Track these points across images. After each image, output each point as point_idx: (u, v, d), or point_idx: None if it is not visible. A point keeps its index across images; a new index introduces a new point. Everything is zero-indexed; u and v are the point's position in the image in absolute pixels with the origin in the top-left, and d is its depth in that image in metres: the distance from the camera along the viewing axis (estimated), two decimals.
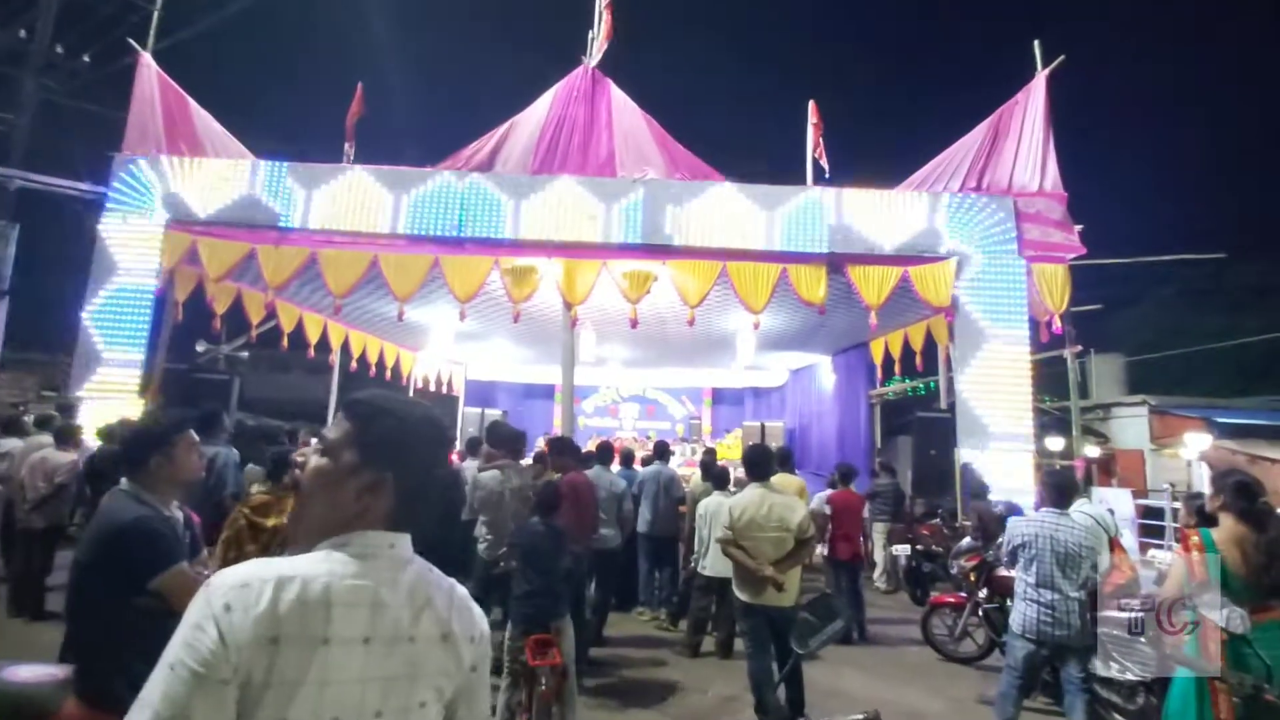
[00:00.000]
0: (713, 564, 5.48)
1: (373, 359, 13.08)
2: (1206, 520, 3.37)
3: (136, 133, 8.66)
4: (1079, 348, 9.42)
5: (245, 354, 17.07)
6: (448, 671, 1.01)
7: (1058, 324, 8.28)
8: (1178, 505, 6.84)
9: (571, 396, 8.73)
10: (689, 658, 5.54)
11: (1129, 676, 4.20)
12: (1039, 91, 8.43)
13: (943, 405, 10.05)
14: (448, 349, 13.92)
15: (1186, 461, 11.25)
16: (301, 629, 0.88)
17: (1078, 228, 8.19)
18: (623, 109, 8.88)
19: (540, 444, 8.55)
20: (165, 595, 1.87)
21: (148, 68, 8.89)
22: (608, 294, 8.74)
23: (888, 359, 10.66)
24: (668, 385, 17.87)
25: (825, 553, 6.68)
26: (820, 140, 9.46)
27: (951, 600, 5.82)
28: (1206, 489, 3.95)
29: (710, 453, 8.28)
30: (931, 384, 12.31)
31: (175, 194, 8.22)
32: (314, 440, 3.99)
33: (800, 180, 8.86)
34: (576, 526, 4.88)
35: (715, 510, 5.49)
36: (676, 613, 6.36)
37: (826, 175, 9.36)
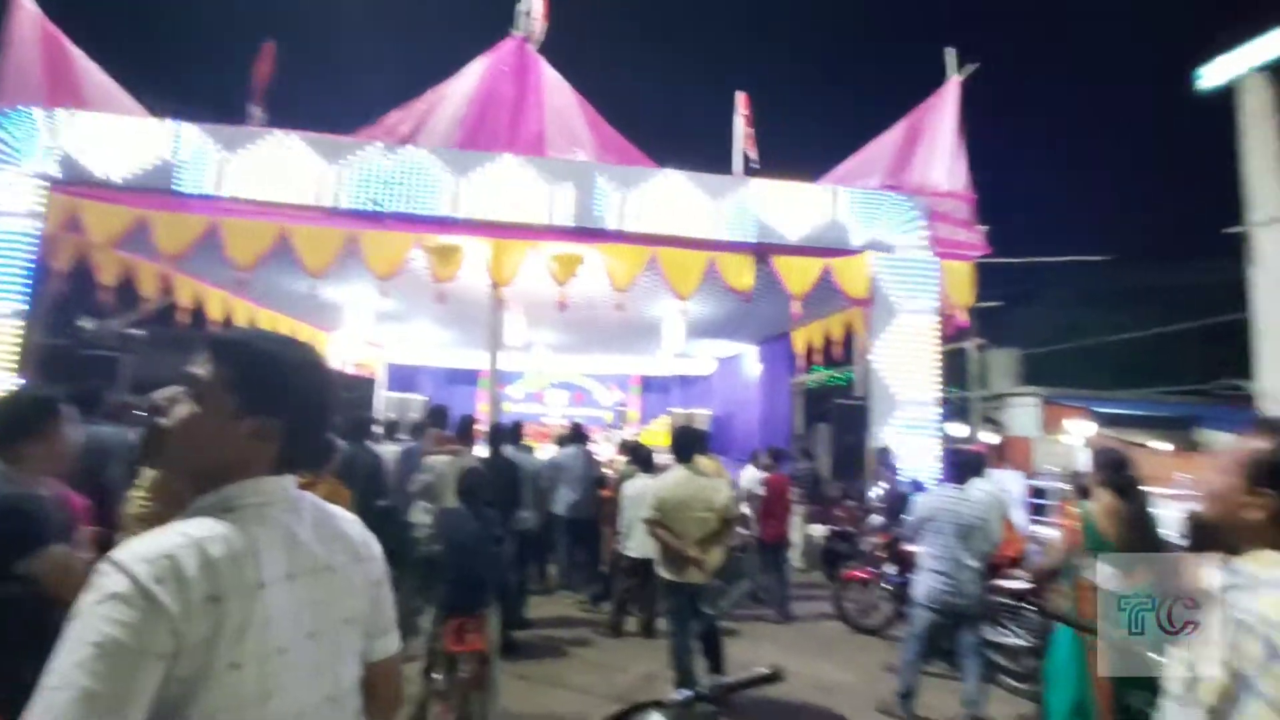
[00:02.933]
0: (637, 545, 5.54)
1: None
2: (1087, 497, 3.70)
3: (13, 82, 7.75)
4: (981, 341, 10.10)
5: (140, 331, 15.75)
6: (360, 589, 1.10)
7: (962, 318, 8.84)
8: (1066, 486, 7.46)
9: (496, 381, 8.57)
10: (612, 638, 5.59)
11: (1017, 641, 4.57)
12: (951, 97, 8.90)
13: (859, 394, 10.55)
14: (366, 330, 13.33)
15: (1069, 447, 12.30)
16: (239, 581, 0.91)
17: (983, 228, 8.74)
18: (554, 87, 8.72)
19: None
20: (38, 579, 1.71)
21: (24, 9, 7.96)
22: (536, 276, 8.61)
23: (809, 349, 11.08)
24: (596, 372, 17.85)
25: (755, 532, 6.87)
26: (750, 131, 9.63)
27: (862, 575, 6.14)
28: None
29: (635, 441, 8.38)
30: (849, 374, 12.89)
31: (63, 150, 7.43)
32: None
33: (727, 171, 9.00)
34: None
35: (641, 492, 5.54)
36: (599, 594, 6.40)
37: (756, 166, 9.56)
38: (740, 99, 9.94)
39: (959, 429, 10.27)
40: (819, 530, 8.26)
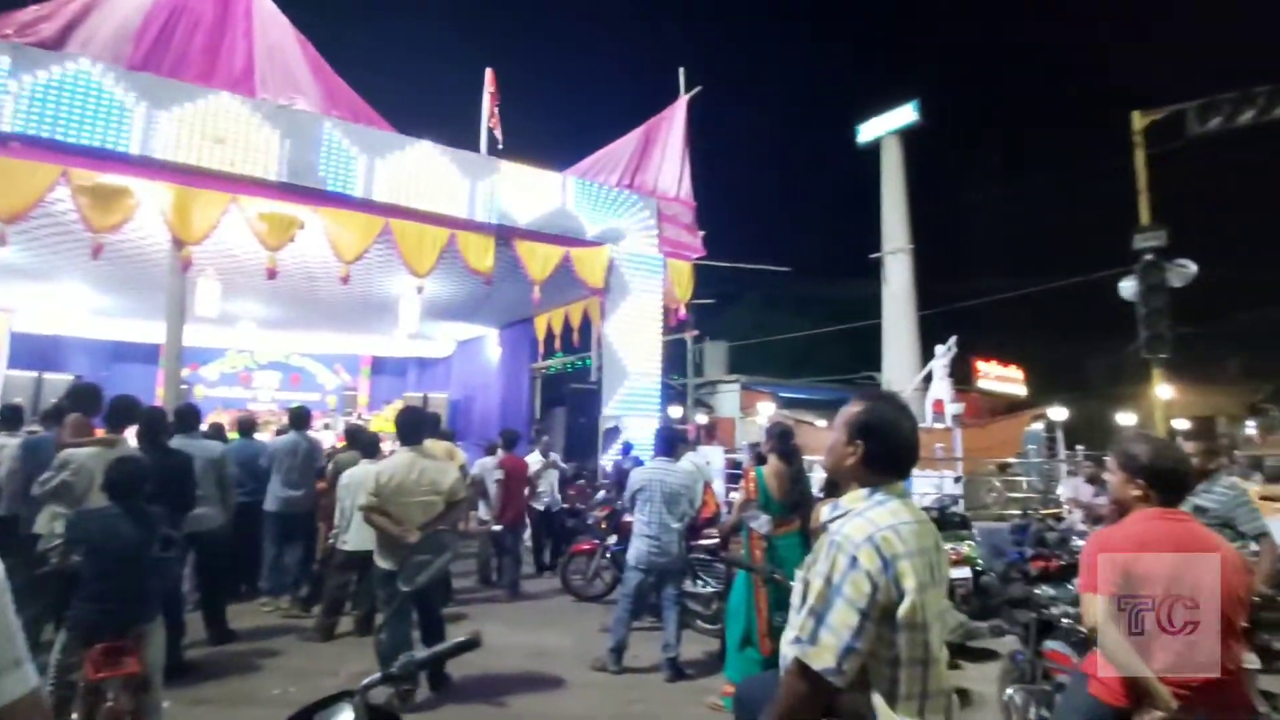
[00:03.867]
0: (355, 538, 5.13)
1: None
2: (763, 462, 4.46)
3: None
4: (696, 333, 11.47)
5: None
6: None
7: (683, 312, 9.92)
8: (748, 455, 8.90)
9: (179, 359, 7.14)
10: (321, 641, 5.09)
11: (708, 589, 5.31)
12: (681, 112, 9.89)
13: (594, 379, 11.17)
14: None
15: (761, 426, 14.70)
16: None
17: (701, 233, 9.91)
18: (269, 20, 7.51)
19: None
20: None
21: None
22: (239, 237, 7.36)
23: (549, 335, 11.37)
24: (318, 351, 15.94)
25: (494, 515, 6.81)
26: (496, 110, 9.49)
27: (586, 547, 6.53)
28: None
29: (357, 425, 7.73)
30: (587, 360, 13.57)
31: None
32: None
33: (473, 147, 8.76)
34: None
35: (360, 479, 5.12)
36: (309, 597, 5.78)
37: (500, 146, 9.46)
38: (488, 75, 9.73)
39: (676, 411, 11.52)
40: None
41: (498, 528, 6.80)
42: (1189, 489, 2.15)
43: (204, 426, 6.22)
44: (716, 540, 5.25)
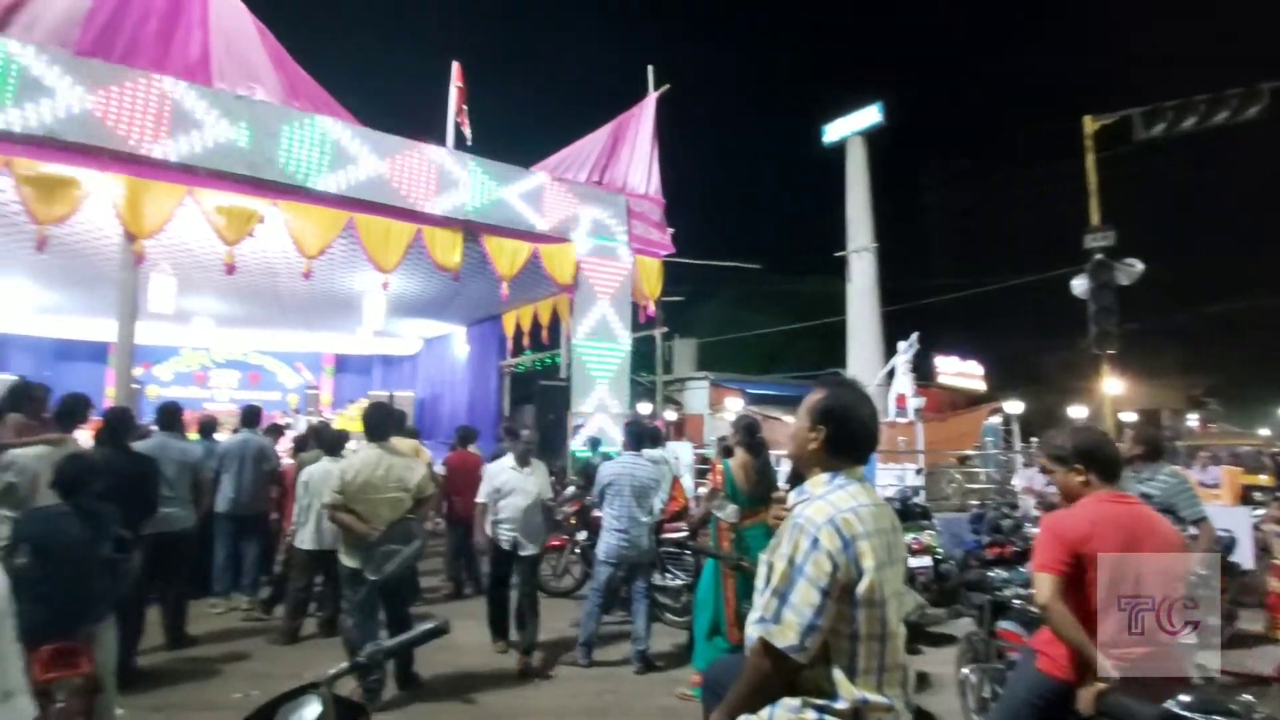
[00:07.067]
0: (313, 536, 5.04)
1: None
2: (730, 455, 4.52)
3: None
4: (665, 330, 11.52)
5: None
6: None
7: (652, 309, 9.96)
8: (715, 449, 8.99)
9: (130, 358, 6.89)
10: (285, 644, 4.99)
11: (677, 582, 5.36)
12: (649, 109, 9.91)
13: (563, 376, 11.14)
14: None
15: (729, 422, 14.84)
16: None
17: (670, 230, 9.95)
18: (225, 6, 7.28)
19: None
20: None
21: None
22: (195, 230, 7.14)
23: (518, 333, 11.29)
24: (278, 349, 15.57)
25: (444, 511, 6.73)
26: (463, 105, 9.38)
27: (555, 543, 6.51)
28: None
29: (320, 423, 7.57)
30: (556, 357, 13.53)
31: None
32: None
33: (440, 141, 8.64)
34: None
35: (323, 476, 5.04)
36: (271, 598, 5.66)
37: (469, 142, 9.35)
38: (455, 69, 9.60)
39: (645, 407, 11.57)
40: None
41: (438, 523, 6.76)
42: (1119, 463, 2.32)
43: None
44: (685, 533, 5.30)
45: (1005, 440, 14.07)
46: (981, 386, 23.38)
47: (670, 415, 13.11)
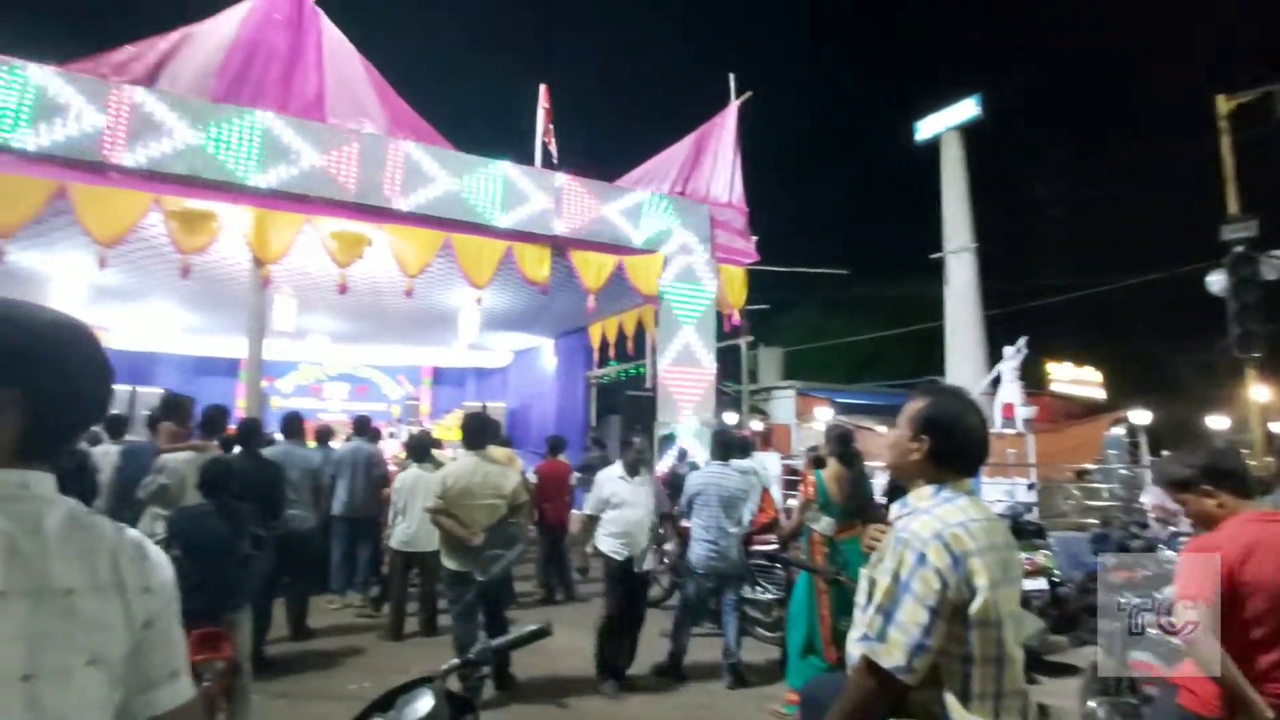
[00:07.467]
0: (406, 537, 5.34)
1: None
2: (821, 466, 4.39)
3: None
4: (750, 338, 11.38)
5: None
6: (112, 626, 0.87)
7: (736, 318, 9.87)
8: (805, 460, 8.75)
9: (260, 372, 7.58)
10: (392, 640, 5.30)
11: (768, 596, 5.25)
12: (731, 117, 9.87)
13: (648, 386, 11.22)
14: (79, 310, 10.90)
15: (818, 432, 14.41)
16: None
17: (754, 238, 9.84)
18: (337, 49, 7.94)
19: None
20: None
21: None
22: (312, 255, 7.78)
23: (604, 343, 11.50)
24: (383, 363, 16.62)
25: (535, 518, 6.93)
26: (550, 125, 9.72)
27: None
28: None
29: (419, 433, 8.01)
30: (640, 368, 13.66)
31: None
32: None
33: (528, 161, 8.99)
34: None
35: (413, 483, 5.35)
36: (380, 597, 6.02)
37: (555, 161, 9.68)
38: (542, 91, 9.98)
39: (731, 417, 11.44)
40: None
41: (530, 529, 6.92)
42: (1249, 475, 2.09)
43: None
44: (776, 546, 5.18)
45: (1130, 453, 12.84)
46: (1101, 394, 21.47)
47: (756, 425, 12.90)
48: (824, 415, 12.98)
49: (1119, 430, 13.26)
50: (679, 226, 9.07)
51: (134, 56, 7.16)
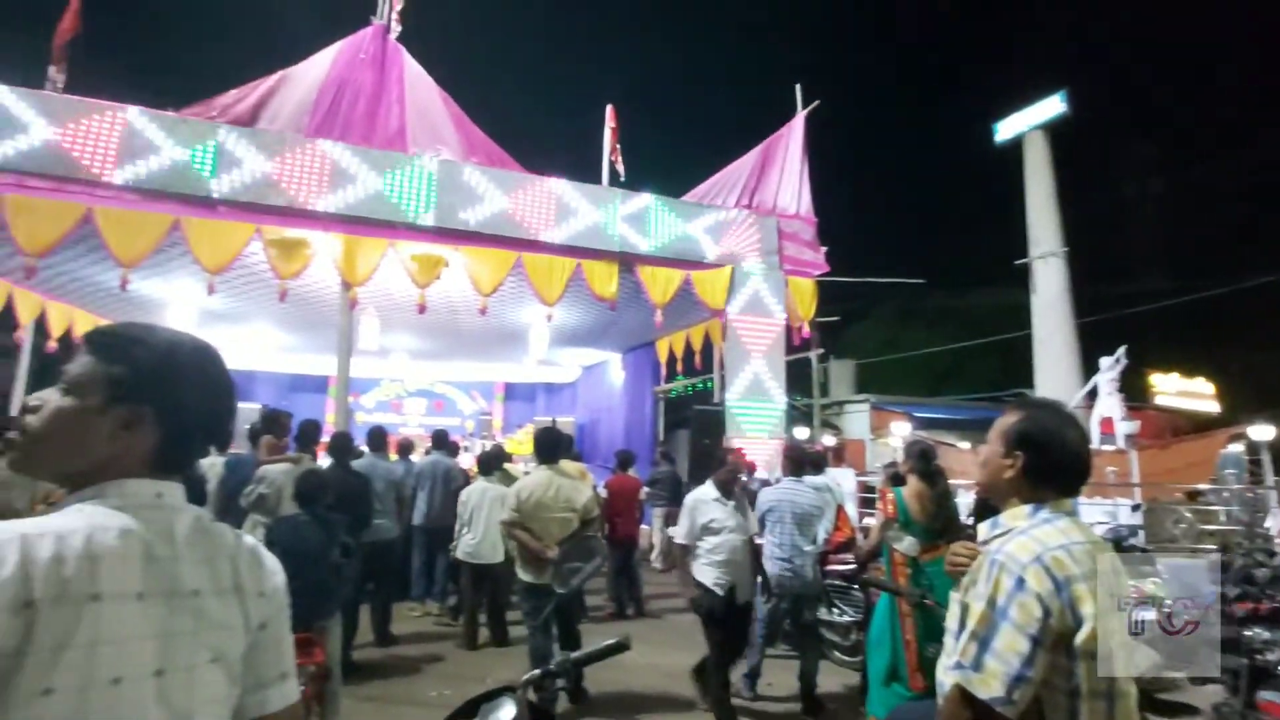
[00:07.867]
0: (470, 548, 5.48)
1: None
2: (900, 483, 4.20)
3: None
4: (821, 351, 11.10)
5: None
6: (232, 627, 0.94)
7: (806, 330, 9.66)
8: (883, 476, 8.41)
9: (347, 389, 8.02)
10: (468, 649, 5.44)
11: (845, 618, 5.06)
12: (798, 128, 9.75)
13: (716, 400, 11.12)
14: (190, 332, 11.87)
15: (895, 448, 13.83)
16: (62, 589, 0.78)
17: (823, 249, 9.63)
18: (417, 81, 8.40)
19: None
20: None
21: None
22: (394, 277, 8.19)
23: (671, 357, 11.51)
24: (457, 379, 17.26)
25: (606, 533, 6.97)
26: (616, 145, 9.89)
27: None
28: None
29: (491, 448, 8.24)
30: (708, 382, 13.58)
31: None
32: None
33: (596, 180, 9.17)
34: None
35: (479, 497, 5.50)
36: (456, 606, 6.20)
37: (622, 179, 9.83)
38: (609, 111, 10.18)
39: (802, 432, 11.18)
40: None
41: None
42: None
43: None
44: (853, 566, 5.00)
45: (1251, 473, 11.65)
46: (1214, 408, 19.62)
47: (828, 440, 12.54)
48: (900, 430, 12.47)
49: (1237, 447, 12.05)
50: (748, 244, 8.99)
51: (237, 99, 7.81)
